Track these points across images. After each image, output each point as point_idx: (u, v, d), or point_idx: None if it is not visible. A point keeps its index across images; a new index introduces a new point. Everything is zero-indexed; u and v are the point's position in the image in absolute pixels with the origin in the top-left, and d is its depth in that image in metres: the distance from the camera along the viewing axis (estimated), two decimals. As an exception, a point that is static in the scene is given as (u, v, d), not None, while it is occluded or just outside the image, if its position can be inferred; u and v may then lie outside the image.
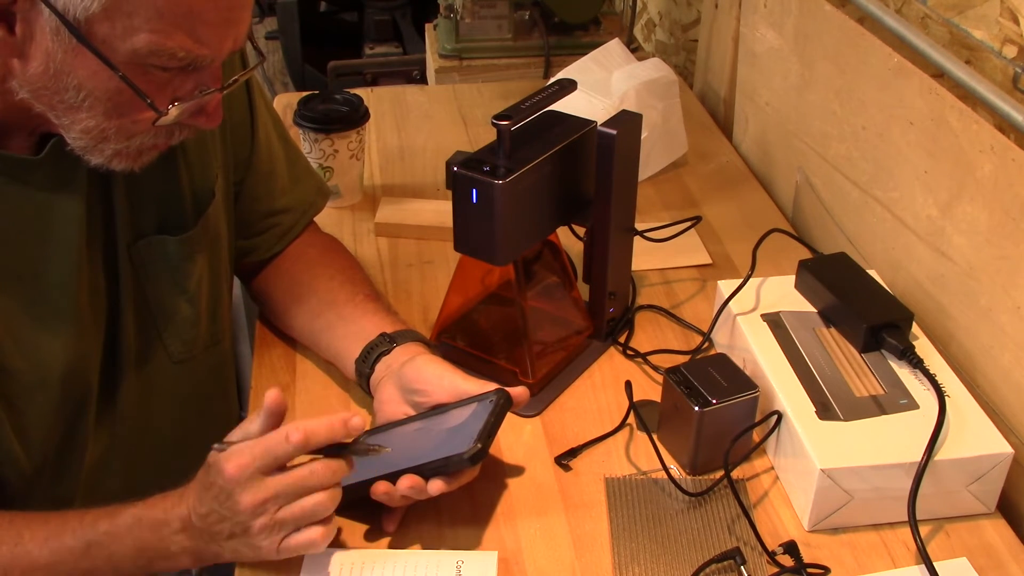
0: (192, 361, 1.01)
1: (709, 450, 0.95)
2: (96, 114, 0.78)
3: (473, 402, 0.91)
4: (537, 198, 1.00)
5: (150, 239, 0.94)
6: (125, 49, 0.74)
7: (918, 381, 0.98)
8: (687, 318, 1.18)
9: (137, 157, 0.83)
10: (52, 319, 0.87)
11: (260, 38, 3.47)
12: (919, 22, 1.15)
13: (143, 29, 0.73)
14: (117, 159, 0.82)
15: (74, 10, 0.72)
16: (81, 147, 0.81)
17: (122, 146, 0.81)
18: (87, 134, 0.79)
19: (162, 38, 0.74)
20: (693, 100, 1.73)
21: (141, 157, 0.84)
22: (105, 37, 0.73)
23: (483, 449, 0.84)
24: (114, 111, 0.78)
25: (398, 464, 0.88)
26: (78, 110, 0.78)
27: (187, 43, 0.75)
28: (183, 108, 0.80)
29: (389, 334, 1.00)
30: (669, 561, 0.88)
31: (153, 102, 0.78)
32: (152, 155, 0.85)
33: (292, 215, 1.12)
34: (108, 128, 0.79)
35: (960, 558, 0.88)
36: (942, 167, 1.06)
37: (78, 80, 0.76)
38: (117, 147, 0.81)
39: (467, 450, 0.84)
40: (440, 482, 0.85)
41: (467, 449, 0.84)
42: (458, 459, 0.84)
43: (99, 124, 0.79)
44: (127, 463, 0.98)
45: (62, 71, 0.75)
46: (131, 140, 0.81)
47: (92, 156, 0.81)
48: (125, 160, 0.83)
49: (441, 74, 1.93)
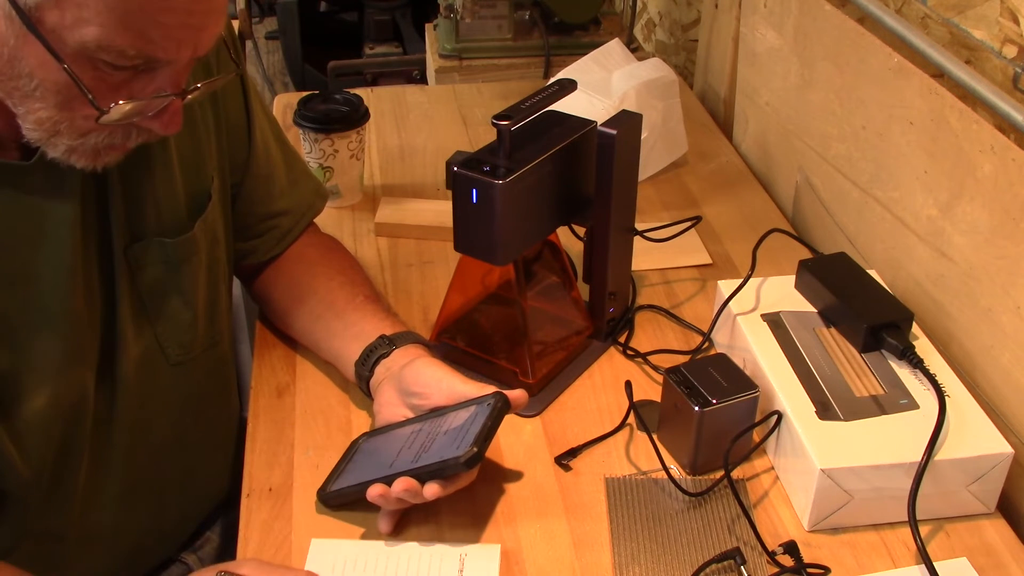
0: (190, 363, 1.01)
1: (709, 450, 0.95)
2: (48, 105, 0.76)
3: (471, 405, 0.91)
4: (537, 198, 1.00)
5: (147, 242, 0.93)
6: (73, 40, 0.72)
7: (918, 381, 0.98)
8: (687, 318, 1.18)
9: (95, 156, 0.81)
10: (47, 324, 0.87)
11: (260, 38, 3.47)
12: (919, 22, 1.15)
13: (92, 22, 0.71)
14: (75, 156, 0.80)
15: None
16: (36, 139, 0.79)
17: (76, 143, 0.79)
18: (40, 125, 0.77)
19: (111, 33, 0.72)
20: (693, 100, 1.73)
21: (100, 156, 0.82)
22: (54, 26, 0.72)
23: (479, 453, 0.84)
24: (64, 104, 0.76)
25: (394, 467, 0.88)
26: (32, 99, 0.76)
27: (138, 42, 0.73)
28: (130, 108, 0.78)
29: (388, 336, 1.00)
30: (669, 561, 0.88)
31: (95, 98, 0.75)
32: (113, 155, 0.83)
33: (291, 217, 1.12)
34: (60, 121, 0.77)
35: (960, 558, 0.88)
36: (942, 167, 1.06)
37: (29, 68, 0.74)
38: (71, 143, 0.79)
39: (463, 454, 0.84)
40: (436, 486, 0.85)
41: (463, 453, 0.84)
42: (454, 463, 0.84)
43: (51, 116, 0.77)
44: (125, 467, 0.98)
45: (15, 57, 0.74)
46: (85, 138, 0.79)
47: (48, 149, 0.80)
48: (83, 158, 0.81)
49: (441, 74, 1.93)
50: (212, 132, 1.00)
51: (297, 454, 0.99)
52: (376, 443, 0.95)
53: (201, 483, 1.10)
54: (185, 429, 1.04)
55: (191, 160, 0.97)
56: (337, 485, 0.92)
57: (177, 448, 1.04)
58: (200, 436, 1.07)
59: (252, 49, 3.26)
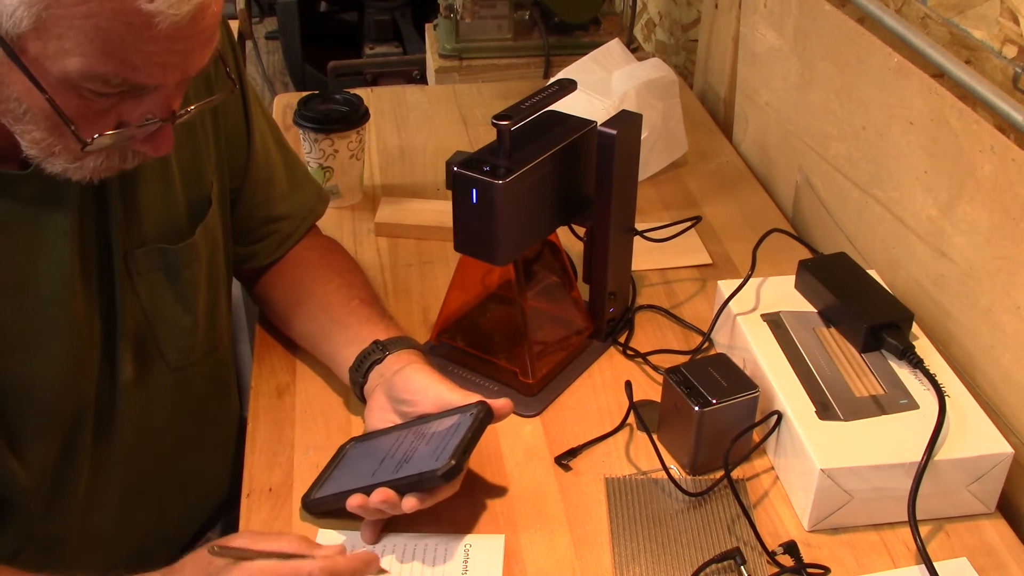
0: (190, 368, 1.01)
1: (709, 450, 0.95)
2: (40, 128, 0.76)
3: (455, 414, 0.90)
4: (537, 198, 1.00)
5: (148, 248, 0.93)
6: (56, 70, 0.71)
7: (918, 381, 0.98)
8: (687, 318, 1.18)
9: (92, 172, 0.81)
10: (46, 333, 0.87)
11: (260, 38, 3.47)
12: (919, 22, 1.15)
13: (74, 52, 0.70)
14: (71, 173, 0.80)
15: (6, 24, 0.69)
16: (34, 156, 0.78)
17: (73, 165, 0.79)
18: (36, 145, 0.77)
19: (93, 63, 0.71)
20: (693, 100, 1.73)
21: (97, 173, 0.81)
22: (37, 56, 0.71)
23: (457, 466, 0.84)
24: (53, 128, 0.76)
25: (376, 476, 0.87)
26: (23, 122, 0.76)
27: (121, 70, 0.72)
28: (113, 139, 0.77)
29: (382, 342, 0.99)
30: (669, 561, 0.88)
31: (78, 129, 0.75)
32: (108, 173, 0.82)
33: (291, 222, 1.12)
34: (54, 144, 0.77)
35: (960, 558, 0.88)
36: (942, 167, 1.06)
37: (17, 93, 0.74)
38: (67, 164, 0.79)
39: (441, 467, 0.83)
40: (414, 499, 0.84)
41: (441, 466, 0.83)
42: (431, 475, 0.84)
43: (44, 138, 0.76)
44: (126, 471, 0.98)
45: (3, 82, 0.73)
46: (82, 161, 0.79)
47: (46, 167, 0.79)
48: (79, 174, 0.80)
49: (441, 74, 1.93)
50: (211, 137, 0.99)
51: (297, 454, 0.99)
52: (362, 450, 0.95)
53: (201, 484, 1.10)
54: (185, 432, 1.04)
55: (191, 166, 0.97)
56: (320, 493, 0.92)
57: (177, 451, 1.04)
58: (200, 438, 1.07)
59: (252, 49, 3.27)
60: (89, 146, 0.76)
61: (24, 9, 0.69)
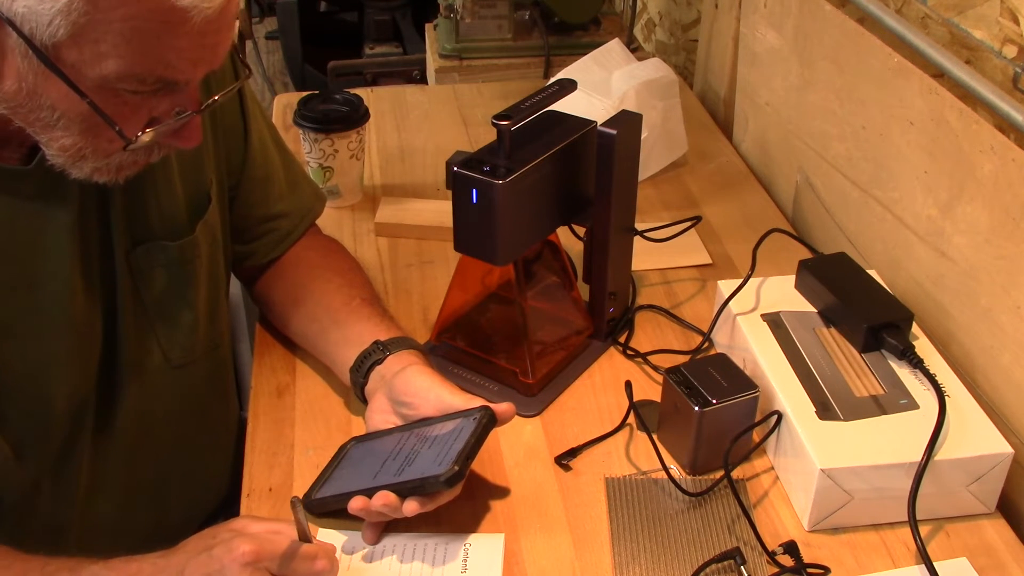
0: (191, 366, 1.01)
1: (709, 450, 0.95)
2: (72, 133, 0.77)
3: (458, 417, 0.90)
4: (537, 198, 1.00)
5: (148, 245, 0.93)
6: (94, 75, 0.73)
7: (918, 381, 0.98)
8: (687, 318, 1.18)
9: (118, 172, 0.82)
10: (48, 329, 0.87)
11: (260, 38, 3.48)
12: (919, 22, 1.15)
13: (111, 55, 0.72)
14: (97, 174, 0.81)
15: (41, 35, 0.70)
16: (60, 163, 0.80)
17: (101, 164, 0.80)
18: (65, 151, 0.78)
19: (130, 64, 0.72)
20: (693, 100, 1.73)
21: (122, 171, 0.83)
22: (74, 63, 0.72)
23: (460, 472, 0.83)
24: (89, 131, 0.77)
25: (377, 479, 0.87)
26: (54, 128, 0.77)
27: (157, 69, 0.74)
28: (156, 132, 0.79)
29: (383, 342, 0.99)
30: (669, 561, 0.88)
31: (122, 128, 0.76)
32: (133, 170, 0.84)
33: (290, 220, 1.12)
34: (85, 147, 0.78)
35: (960, 558, 0.88)
36: (942, 167, 1.06)
37: (51, 101, 0.75)
38: (96, 164, 0.80)
39: (443, 472, 0.83)
40: (415, 503, 0.84)
41: (444, 471, 0.83)
42: (434, 480, 0.83)
43: (76, 143, 0.78)
44: (126, 469, 0.98)
45: (35, 92, 0.74)
46: (110, 159, 0.80)
47: (72, 171, 0.80)
48: (105, 174, 0.82)
49: (441, 74, 1.93)
50: (209, 133, 1.00)
51: (297, 454, 0.99)
52: (363, 450, 0.95)
53: (201, 484, 1.10)
54: (185, 431, 1.04)
55: (190, 163, 0.97)
56: (321, 493, 0.91)
57: (177, 449, 1.04)
58: (200, 437, 1.07)
59: (252, 49, 3.27)
60: (133, 144, 0.78)
61: (62, 17, 0.69)
